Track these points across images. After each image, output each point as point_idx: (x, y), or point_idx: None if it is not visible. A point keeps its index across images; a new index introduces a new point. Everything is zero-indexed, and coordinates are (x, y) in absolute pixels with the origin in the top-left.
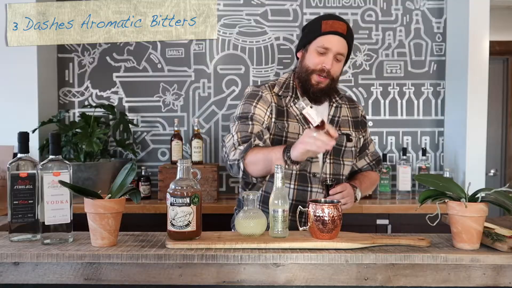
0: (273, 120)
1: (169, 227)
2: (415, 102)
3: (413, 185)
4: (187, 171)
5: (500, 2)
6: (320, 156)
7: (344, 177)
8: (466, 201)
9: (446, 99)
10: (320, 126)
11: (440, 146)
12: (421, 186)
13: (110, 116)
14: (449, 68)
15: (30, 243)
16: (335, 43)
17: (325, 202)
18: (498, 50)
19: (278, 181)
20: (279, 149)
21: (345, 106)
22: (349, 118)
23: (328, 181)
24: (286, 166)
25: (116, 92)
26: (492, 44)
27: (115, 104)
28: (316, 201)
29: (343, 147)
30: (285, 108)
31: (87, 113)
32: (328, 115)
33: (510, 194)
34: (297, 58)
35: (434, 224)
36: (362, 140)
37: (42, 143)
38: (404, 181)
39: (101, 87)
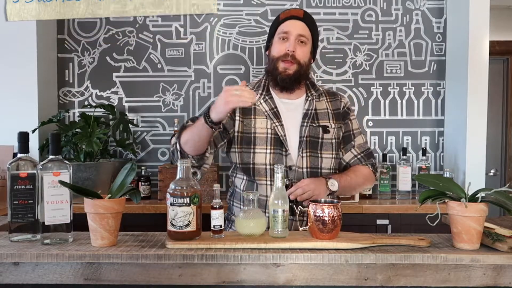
0: (237, 118)
1: (169, 227)
2: (415, 102)
3: (413, 185)
4: (187, 171)
5: (500, 2)
6: (295, 149)
7: (323, 171)
8: (466, 201)
9: (446, 99)
10: None
11: (440, 146)
12: (421, 186)
13: (110, 116)
14: (449, 68)
15: (30, 243)
16: (293, 26)
17: (325, 202)
18: (498, 50)
19: (278, 181)
20: (202, 115)
21: (325, 99)
22: (329, 111)
23: (286, 181)
24: (213, 130)
25: (116, 92)
26: (492, 44)
27: (115, 104)
28: (316, 201)
29: (320, 139)
30: (253, 106)
31: (87, 113)
32: (303, 109)
33: (510, 194)
34: (268, 56)
35: (434, 224)
36: (342, 130)
37: (42, 143)
38: (404, 181)
39: (101, 87)
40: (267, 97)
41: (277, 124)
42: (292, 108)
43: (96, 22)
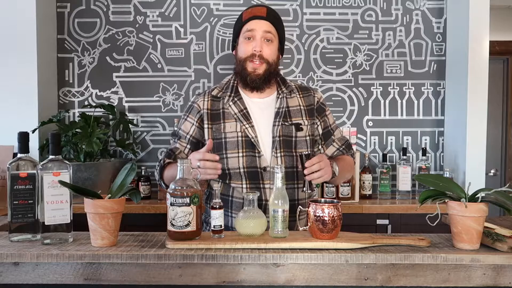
0: (205, 126)
1: (169, 227)
2: (415, 102)
3: (413, 185)
4: (187, 171)
5: (500, 2)
6: (268, 149)
7: (299, 169)
8: (466, 201)
9: (446, 99)
10: None
11: (440, 146)
12: (421, 186)
13: (110, 116)
14: (449, 68)
15: (30, 243)
16: (257, 24)
17: (325, 202)
18: (498, 50)
19: (278, 181)
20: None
21: (297, 95)
22: (302, 107)
23: (304, 152)
24: None
25: (116, 92)
26: (492, 44)
27: (115, 104)
28: (316, 201)
29: (293, 137)
30: (221, 110)
31: (87, 113)
32: (275, 107)
33: (510, 194)
34: (234, 55)
35: (434, 224)
36: (320, 127)
37: (42, 143)
38: (404, 181)
39: (101, 87)
40: (236, 99)
41: (247, 126)
42: (263, 107)
43: (96, 22)
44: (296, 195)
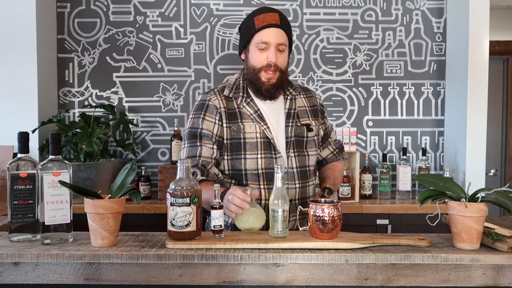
0: (225, 125)
1: (169, 227)
2: (415, 102)
3: (413, 185)
4: (187, 171)
5: (500, 2)
6: (283, 150)
7: (310, 168)
8: (466, 201)
9: (446, 99)
10: None
11: (440, 146)
12: (421, 186)
13: (110, 116)
14: (449, 68)
15: (30, 243)
16: (272, 35)
17: (325, 202)
18: (498, 50)
19: (278, 181)
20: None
21: (301, 96)
22: (307, 108)
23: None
24: None
25: (116, 92)
26: (492, 44)
27: (115, 104)
28: (316, 201)
29: (305, 137)
30: (236, 109)
31: (87, 113)
32: (285, 108)
33: (510, 194)
34: (242, 60)
35: (434, 224)
36: (322, 129)
37: (42, 143)
38: (404, 181)
39: (101, 87)
40: (248, 100)
41: (264, 127)
42: (273, 108)
43: (96, 22)
44: (307, 193)
